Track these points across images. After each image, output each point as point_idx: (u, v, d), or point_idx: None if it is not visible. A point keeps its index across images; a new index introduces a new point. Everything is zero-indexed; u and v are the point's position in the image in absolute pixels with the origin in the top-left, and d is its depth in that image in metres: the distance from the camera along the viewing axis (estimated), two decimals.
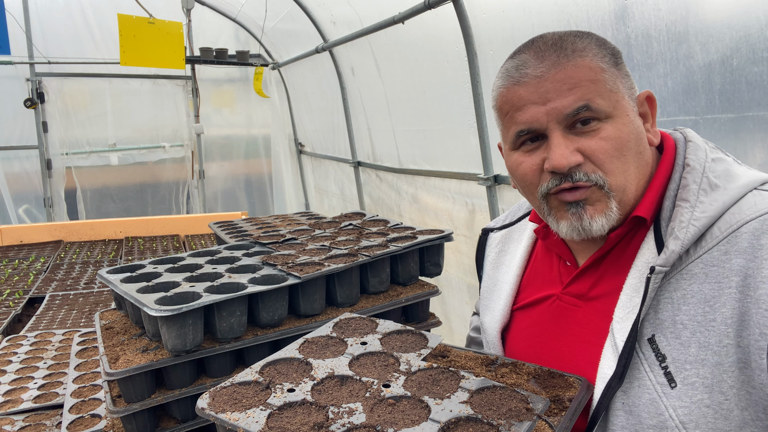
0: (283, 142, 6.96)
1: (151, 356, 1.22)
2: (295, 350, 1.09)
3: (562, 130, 0.92)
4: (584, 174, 0.92)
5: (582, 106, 0.90)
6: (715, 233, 0.87)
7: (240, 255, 1.68)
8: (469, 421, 0.85)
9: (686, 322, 0.87)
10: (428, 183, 3.76)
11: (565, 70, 0.90)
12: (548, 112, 0.91)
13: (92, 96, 6.27)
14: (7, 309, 2.62)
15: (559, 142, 0.92)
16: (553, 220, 0.99)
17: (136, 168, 6.62)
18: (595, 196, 0.93)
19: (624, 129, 0.91)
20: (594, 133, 0.91)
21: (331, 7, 4.42)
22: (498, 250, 1.28)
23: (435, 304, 3.33)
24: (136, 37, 5.11)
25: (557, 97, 0.91)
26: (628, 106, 0.93)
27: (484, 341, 1.25)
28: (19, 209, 6.05)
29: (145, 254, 3.69)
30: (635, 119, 0.94)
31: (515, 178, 1.03)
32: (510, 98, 0.96)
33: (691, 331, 0.86)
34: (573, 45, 0.92)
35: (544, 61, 0.92)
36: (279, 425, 0.84)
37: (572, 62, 0.91)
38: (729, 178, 0.91)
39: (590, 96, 0.90)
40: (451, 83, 3.13)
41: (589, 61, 0.91)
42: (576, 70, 0.90)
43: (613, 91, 0.91)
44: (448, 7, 2.77)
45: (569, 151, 0.91)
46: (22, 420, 1.58)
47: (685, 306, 0.87)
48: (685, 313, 0.87)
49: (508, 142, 1.02)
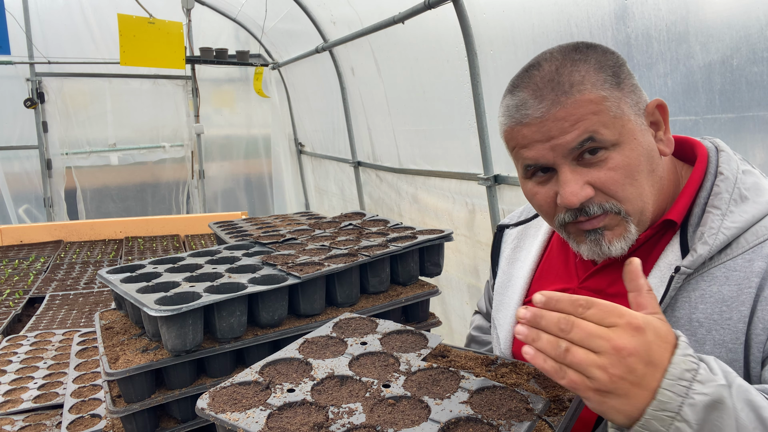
0: (283, 142, 6.96)
1: (151, 356, 1.22)
2: (295, 350, 1.09)
3: (569, 164, 0.92)
4: (598, 206, 0.93)
5: (586, 139, 0.90)
6: (742, 243, 0.89)
7: (240, 255, 1.68)
8: (469, 421, 0.85)
9: (702, 320, 0.89)
10: (428, 183, 3.75)
11: (565, 108, 0.90)
12: (553, 147, 0.92)
13: (92, 96, 6.27)
14: (7, 309, 2.62)
15: (567, 179, 0.92)
16: (573, 243, 1.01)
17: (136, 168, 6.62)
18: (613, 222, 0.94)
19: (632, 154, 0.91)
20: (602, 164, 0.91)
21: (331, 7, 4.42)
22: (513, 247, 1.28)
23: (435, 304, 3.34)
24: (136, 37, 5.11)
25: (560, 134, 0.91)
26: (635, 127, 0.92)
27: (496, 338, 1.24)
28: (19, 209, 6.05)
29: (145, 254, 3.69)
30: (644, 139, 0.93)
31: (533, 205, 1.04)
32: (515, 137, 0.97)
33: (707, 329, 0.88)
34: (570, 78, 0.91)
35: (543, 101, 0.91)
36: (279, 425, 0.84)
37: (571, 99, 0.90)
38: (758, 191, 0.93)
39: (593, 128, 0.89)
40: (451, 83, 3.13)
41: (588, 93, 0.90)
42: (576, 107, 0.90)
43: (617, 116, 0.90)
44: (448, 7, 2.77)
45: (579, 187, 0.91)
46: (22, 420, 1.58)
47: (702, 305, 0.89)
48: (702, 312, 0.89)
49: (519, 172, 1.03)
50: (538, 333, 0.71)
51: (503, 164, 2.85)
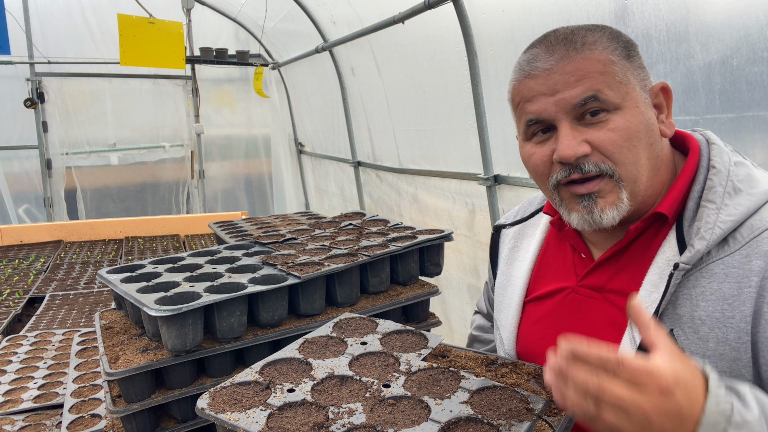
0: (283, 142, 6.96)
1: (151, 356, 1.22)
2: (295, 350, 1.09)
3: (570, 121, 0.94)
4: (593, 165, 0.93)
5: (589, 97, 0.91)
6: (738, 238, 0.89)
7: (240, 255, 1.68)
8: (469, 421, 0.85)
9: (704, 318, 0.88)
10: (428, 183, 3.75)
11: (574, 63, 0.92)
12: (557, 102, 0.93)
13: (92, 96, 6.26)
14: (7, 309, 2.62)
15: (566, 133, 0.94)
16: (565, 211, 1.01)
17: (136, 168, 6.61)
18: (606, 188, 0.95)
19: (633, 120, 0.92)
20: (603, 125, 0.92)
21: (331, 7, 4.42)
22: (511, 246, 1.28)
23: (435, 304, 3.33)
24: (136, 36, 5.10)
25: (565, 88, 0.92)
26: (638, 98, 0.94)
27: (499, 338, 1.24)
28: (19, 209, 6.05)
29: (145, 254, 3.69)
30: (646, 111, 0.95)
31: (528, 169, 1.05)
32: (521, 90, 0.99)
33: (710, 326, 0.88)
34: (583, 38, 0.94)
35: (554, 54, 0.94)
36: (279, 425, 0.84)
37: (581, 55, 0.92)
38: (751, 183, 0.93)
39: (598, 87, 0.91)
40: (451, 83, 3.13)
41: (599, 54, 0.92)
42: (585, 63, 0.92)
43: (622, 82, 0.92)
44: (448, 7, 2.77)
45: (576, 142, 0.93)
46: (22, 420, 1.58)
47: (703, 303, 0.89)
48: (704, 310, 0.88)
49: (520, 133, 1.04)
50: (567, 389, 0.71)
51: (503, 164, 2.85)
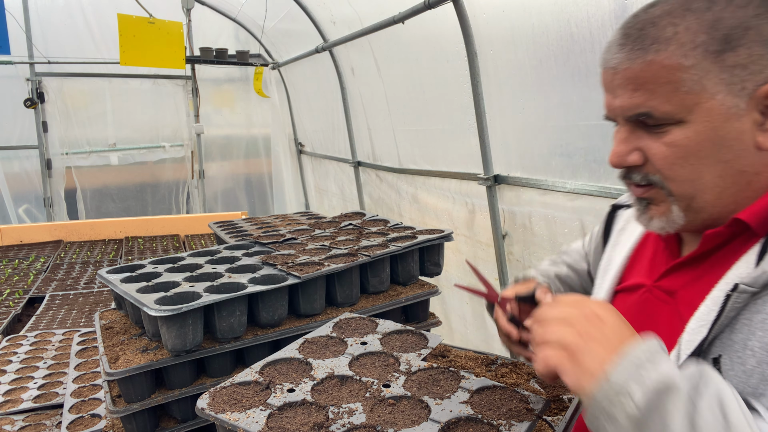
0: (283, 142, 6.96)
1: (151, 356, 1.22)
2: (295, 350, 1.09)
3: (628, 125, 0.87)
4: (642, 176, 0.87)
5: (642, 114, 0.83)
6: None
7: (240, 255, 1.68)
8: (469, 421, 0.85)
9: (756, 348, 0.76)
10: (428, 183, 3.76)
11: (633, 68, 0.83)
12: (615, 107, 0.88)
13: (92, 96, 6.27)
14: (7, 309, 2.62)
15: (620, 138, 0.88)
16: None
17: (136, 168, 6.62)
18: (658, 197, 0.88)
19: (697, 137, 0.80)
20: (661, 135, 0.83)
21: (331, 7, 4.42)
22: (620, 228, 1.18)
23: (435, 304, 3.34)
24: (136, 36, 5.11)
25: (623, 96, 0.85)
26: (715, 108, 0.80)
27: None
28: (19, 209, 6.05)
29: (145, 254, 3.69)
30: (724, 123, 0.80)
31: None
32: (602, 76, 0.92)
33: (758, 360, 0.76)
34: (659, 32, 0.80)
35: (623, 49, 0.84)
36: (279, 425, 0.84)
37: (645, 58, 0.81)
38: None
39: (653, 103, 0.82)
40: (451, 83, 3.13)
41: (667, 57, 0.79)
42: (646, 69, 0.81)
43: (691, 92, 0.79)
44: (448, 7, 2.77)
45: (626, 150, 0.87)
46: (22, 420, 1.58)
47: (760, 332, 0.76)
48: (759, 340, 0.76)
49: None
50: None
51: (503, 164, 2.85)
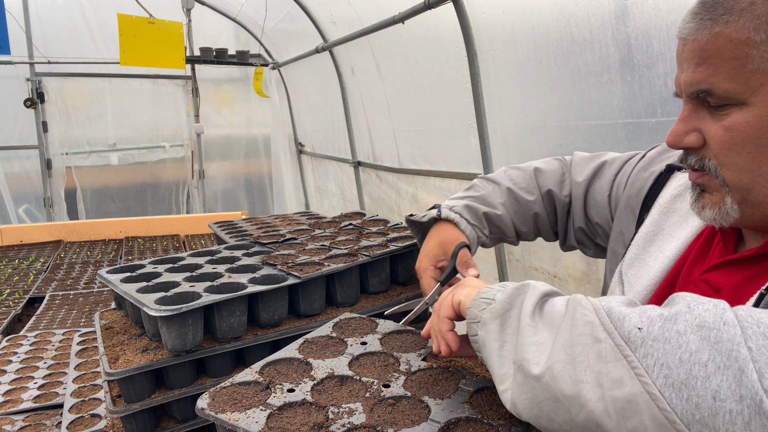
0: (283, 142, 6.96)
1: (151, 356, 1.22)
2: (295, 350, 1.09)
3: (691, 103, 0.82)
4: (698, 160, 0.82)
5: (703, 91, 0.78)
6: None
7: (240, 255, 1.68)
8: (469, 421, 0.85)
9: None
10: (428, 183, 3.76)
11: (700, 41, 0.77)
12: (681, 81, 0.83)
13: (92, 96, 6.27)
14: (7, 309, 2.62)
15: (681, 116, 0.84)
16: None
17: (136, 168, 6.62)
18: (712, 185, 0.83)
19: (758, 122, 0.75)
20: (721, 118, 0.78)
21: (331, 7, 4.42)
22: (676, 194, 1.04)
23: None
24: (136, 36, 5.11)
25: (687, 70, 0.80)
26: None
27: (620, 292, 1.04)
28: (19, 209, 6.05)
29: (145, 254, 3.69)
30: None
31: None
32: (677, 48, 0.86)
33: None
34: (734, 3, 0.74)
35: (694, 20, 0.79)
36: (279, 425, 0.84)
37: (713, 30, 0.76)
38: None
39: (716, 80, 0.76)
40: (451, 83, 3.13)
41: (736, 30, 0.73)
42: (711, 42, 0.76)
43: (758, 70, 0.73)
44: (448, 7, 2.77)
45: (684, 130, 0.83)
46: (22, 420, 1.58)
47: None
48: None
49: None
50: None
51: (503, 164, 2.84)
